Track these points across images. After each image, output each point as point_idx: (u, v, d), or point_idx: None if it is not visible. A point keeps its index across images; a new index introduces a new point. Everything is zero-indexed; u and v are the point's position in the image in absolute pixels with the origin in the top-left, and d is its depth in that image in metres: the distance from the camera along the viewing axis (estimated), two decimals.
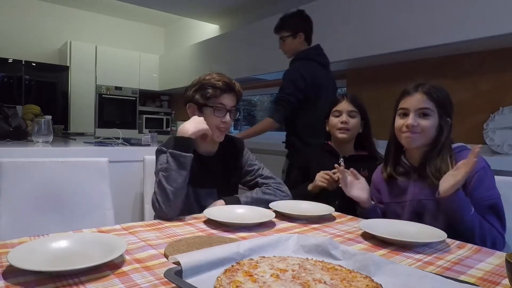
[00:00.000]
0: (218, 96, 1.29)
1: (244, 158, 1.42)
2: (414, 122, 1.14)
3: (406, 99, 1.18)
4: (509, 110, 2.13)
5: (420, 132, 1.15)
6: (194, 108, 1.32)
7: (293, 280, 0.60)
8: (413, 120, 1.14)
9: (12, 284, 0.60)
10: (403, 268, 0.65)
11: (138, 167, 1.69)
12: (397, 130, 1.21)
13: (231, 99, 1.32)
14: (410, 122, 1.14)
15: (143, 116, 5.40)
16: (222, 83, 1.28)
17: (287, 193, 1.36)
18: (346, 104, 1.55)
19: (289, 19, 2.22)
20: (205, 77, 1.32)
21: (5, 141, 2.08)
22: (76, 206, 1.39)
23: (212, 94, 1.28)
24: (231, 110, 1.32)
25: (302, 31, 2.19)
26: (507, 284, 0.66)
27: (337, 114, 1.56)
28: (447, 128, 1.17)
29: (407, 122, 1.15)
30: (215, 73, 1.33)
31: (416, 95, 1.16)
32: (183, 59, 4.91)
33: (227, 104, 1.30)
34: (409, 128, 1.15)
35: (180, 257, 0.61)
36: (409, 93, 1.18)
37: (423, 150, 1.19)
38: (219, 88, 1.28)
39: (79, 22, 5.27)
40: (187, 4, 4.17)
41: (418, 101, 1.15)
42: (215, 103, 1.29)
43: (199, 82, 1.32)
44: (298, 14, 2.23)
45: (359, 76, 3.06)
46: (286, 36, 2.20)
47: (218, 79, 1.29)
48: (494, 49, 2.22)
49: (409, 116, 1.16)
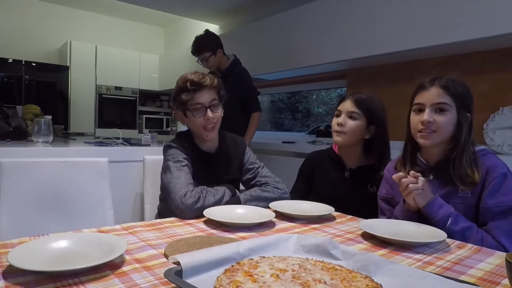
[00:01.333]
0: (192, 97, 1.30)
1: (246, 156, 1.44)
2: (430, 118, 1.07)
3: (421, 94, 1.11)
4: (509, 110, 2.13)
5: (436, 129, 1.08)
6: (180, 115, 1.36)
7: (293, 280, 0.60)
8: (429, 115, 1.07)
9: (12, 284, 0.60)
10: (403, 268, 0.65)
11: (138, 167, 1.69)
12: (413, 128, 1.14)
13: (206, 94, 1.31)
14: (425, 118, 1.07)
15: (143, 116, 5.39)
16: (190, 84, 1.29)
17: (285, 191, 1.36)
18: (348, 104, 1.42)
19: (205, 40, 2.56)
20: (178, 82, 1.34)
21: (5, 141, 2.08)
22: (76, 206, 1.39)
23: (185, 99, 1.30)
24: (212, 105, 1.32)
25: (220, 47, 2.57)
26: (507, 284, 0.66)
27: (337, 114, 1.44)
28: (467, 124, 1.09)
29: (422, 118, 1.09)
30: (190, 73, 1.34)
31: (432, 89, 1.09)
32: (183, 59, 4.91)
33: (204, 102, 1.31)
34: (424, 125, 1.08)
35: (180, 257, 0.61)
36: (424, 87, 1.11)
37: (441, 148, 1.12)
38: (188, 90, 1.29)
39: (79, 22, 5.27)
40: (187, 4, 4.16)
41: (434, 95, 1.08)
42: (192, 104, 1.30)
43: (175, 88, 1.35)
44: (209, 34, 2.60)
45: (359, 76, 3.06)
46: (208, 56, 2.55)
47: (186, 80, 1.30)
48: (494, 49, 2.22)
49: (424, 112, 1.09)
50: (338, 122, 1.41)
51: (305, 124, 4.37)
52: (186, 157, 1.29)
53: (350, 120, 1.40)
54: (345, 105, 1.42)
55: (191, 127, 1.38)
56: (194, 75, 1.31)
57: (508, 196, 1.02)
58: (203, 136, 1.34)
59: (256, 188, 1.33)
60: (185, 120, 1.36)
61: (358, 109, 1.39)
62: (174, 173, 1.21)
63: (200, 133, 1.34)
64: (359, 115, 1.39)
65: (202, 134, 1.33)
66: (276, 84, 4.04)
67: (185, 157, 1.28)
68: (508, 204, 1.01)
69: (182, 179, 1.18)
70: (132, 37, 5.74)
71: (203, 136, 1.34)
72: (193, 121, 1.32)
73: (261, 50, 3.52)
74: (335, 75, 3.33)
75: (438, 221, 1.02)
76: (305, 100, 4.39)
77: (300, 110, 4.50)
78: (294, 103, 4.34)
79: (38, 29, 4.93)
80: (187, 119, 1.35)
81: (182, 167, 1.24)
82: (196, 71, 1.35)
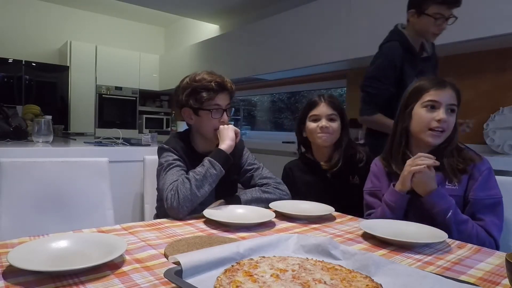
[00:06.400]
0: (213, 97, 1.28)
1: (244, 157, 1.43)
2: (447, 118, 1.09)
3: (437, 92, 1.11)
4: (509, 110, 2.13)
5: (446, 129, 1.11)
6: (189, 112, 1.32)
7: (293, 280, 0.60)
8: (446, 115, 1.09)
9: (12, 284, 0.60)
10: (403, 268, 0.65)
11: (138, 167, 1.69)
12: (423, 124, 1.12)
13: (225, 98, 1.32)
14: (443, 117, 1.08)
15: (143, 116, 5.39)
16: (214, 84, 1.27)
17: (286, 192, 1.35)
18: (324, 108, 1.46)
19: None
20: (196, 79, 1.29)
21: (5, 141, 2.08)
22: (76, 206, 1.39)
23: (206, 97, 1.27)
24: (227, 109, 1.33)
25: None
26: (507, 284, 0.66)
27: (315, 118, 1.47)
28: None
29: (439, 117, 1.09)
30: (205, 72, 1.31)
31: (448, 90, 1.11)
32: (183, 59, 4.91)
33: (222, 104, 1.30)
34: (440, 123, 1.09)
35: (180, 257, 0.61)
36: (438, 86, 1.12)
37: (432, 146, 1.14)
38: (212, 90, 1.27)
39: (79, 22, 5.27)
40: (187, 4, 4.17)
41: (450, 96, 1.11)
42: (210, 105, 1.29)
43: (190, 85, 1.30)
44: None
45: (359, 76, 3.05)
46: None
47: (210, 80, 1.27)
48: (494, 49, 2.22)
49: (439, 110, 1.10)
50: (322, 126, 1.44)
51: None
52: (178, 158, 1.27)
53: (331, 122, 1.45)
54: (321, 108, 1.47)
55: (200, 127, 1.33)
56: (214, 75, 1.30)
57: (495, 190, 1.09)
58: (213, 139, 1.31)
59: (256, 188, 1.32)
60: (193, 119, 1.32)
61: (334, 110, 1.46)
62: (163, 177, 1.20)
63: (209, 135, 1.31)
64: (336, 116, 1.47)
65: (214, 136, 1.31)
66: (276, 84, 4.04)
67: (176, 159, 1.26)
68: (496, 197, 1.07)
69: (168, 181, 1.17)
70: (132, 37, 5.74)
71: (214, 138, 1.30)
72: (206, 122, 1.29)
73: (261, 50, 3.52)
74: (335, 75, 3.33)
75: (439, 212, 1.03)
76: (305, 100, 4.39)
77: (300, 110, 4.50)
78: (294, 103, 4.34)
79: (38, 29, 4.93)
80: (196, 118, 1.31)
81: (172, 168, 1.22)
82: (211, 71, 1.33)
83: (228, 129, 1.28)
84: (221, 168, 1.18)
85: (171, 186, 1.14)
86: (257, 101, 4.85)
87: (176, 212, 1.09)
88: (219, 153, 1.21)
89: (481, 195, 1.07)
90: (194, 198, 1.11)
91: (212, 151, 1.24)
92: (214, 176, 1.17)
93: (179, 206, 1.09)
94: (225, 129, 1.28)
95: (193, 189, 1.12)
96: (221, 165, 1.19)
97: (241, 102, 4.91)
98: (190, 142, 1.37)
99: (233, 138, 1.27)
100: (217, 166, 1.18)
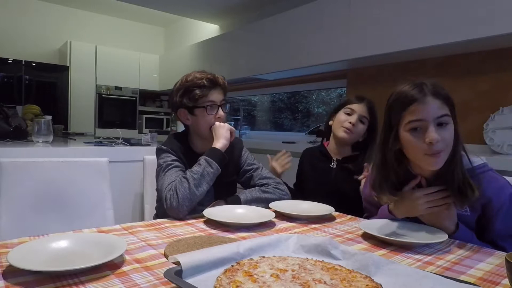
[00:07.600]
0: (206, 94, 1.29)
1: (243, 157, 1.42)
2: (439, 136, 0.87)
3: (416, 108, 0.90)
4: (509, 110, 2.13)
5: (444, 148, 0.89)
6: (185, 113, 1.32)
7: (293, 280, 0.60)
8: (437, 133, 0.87)
9: (12, 284, 0.60)
10: (403, 268, 0.65)
11: (138, 167, 1.69)
12: (416, 152, 0.91)
13: (218, 94, 1.32)
14: (434, 136, 0.86)
15: (143, 116, 5.39)
16: (206, 80, 1.28)
17: (286, 191, 1.35)
18: (362, 107, 1.48)
19: None
20: (187, 79, 1.31)
21: (5, 141, 2.08)
22: (76, 206, 1.39)
23: (200, 94, 1.28)
24: (222, 105, 1.33)
25: None
26: (507, 284, 0.66)
27: (349, 112, 1.48)
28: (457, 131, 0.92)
29: (429, 138, 0.87)
30: (196, 72, 1.33)
31: (429, 100, 0.89)
32: (183, 59, 4.91)
33: (216, 100, 1.31)
34: (433, 145, 0.87)
35: (180, 257, 0.61)
36: (416, 99, 0.90)
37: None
38: (204, 86, 1.28)
39: (79, 22, 5.27)
40: (187, 4, 4.16)
41: (435, 108, 0.89)
42: (205, 102, 1.29)
43: (182, 85, 1.31)
44: None
45: (359, 76, 3.06)
46: None
47: (201, 78, 1.29)
48: (494, 49, 2.21)
49: (428, 130, 0.88)
50: (351, 121, 1.46)
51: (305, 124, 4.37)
52: (177, 159, 1.28)
53: (360, 123, 1.47)
54: (360, 108, 1.48)
55: (197, 126, 1.33)
56: (205, 73, 1.31)
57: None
58: (209, 137, 1.30)
59: (256, 188, 1.32)
60: (189, 119, 1.33)
61: (369, 116, 1.48)
62: (162, 178, 1.21)
63: (206, 134, 1.31)
64: (367, 120, 1.49)
65: (210, 135, 1.31)
66: (276, 84, 4.03)
67: (174, 159, 1.27)
68: None
69: (166, 182, 1.18)
70: (132, 37, 5.73)
71: (210, 137, 1.30)
72: (202, 120, 1.30)
73: (261, 50, 3.52)
74: (335, 75, 3.32)
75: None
76: (305, 100, 4.39)
77: (300, 110, 4.50)
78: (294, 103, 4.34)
79: (38, 29, 4.93)
80: (193, 118, 1.31)
81: (170, 169, 1.23)
82: (204, 70, 1.34)
83: (223, 128, 1.29)
84: (217, 166, 1.20)
85: (169, 186, 1.14)
86: (257, 101, 4.85)
87: (176, 212, 1.10)
88: (214, 152, 1.23)
89: (503, 228, 0.94)
90: (193, 197, 1.12)
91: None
92: (211, 174, 1.18)
93: (178, 205, 1.09)
94: (220, 127, 1.29)
95: (191, 188, 1.12)
96: (218, 164, 1.20)
97: (241, 102, 4.91)
98: (188, 142, 1.37)
99: (227, 137, 1.28)
100: (214, 165, 1.19)
